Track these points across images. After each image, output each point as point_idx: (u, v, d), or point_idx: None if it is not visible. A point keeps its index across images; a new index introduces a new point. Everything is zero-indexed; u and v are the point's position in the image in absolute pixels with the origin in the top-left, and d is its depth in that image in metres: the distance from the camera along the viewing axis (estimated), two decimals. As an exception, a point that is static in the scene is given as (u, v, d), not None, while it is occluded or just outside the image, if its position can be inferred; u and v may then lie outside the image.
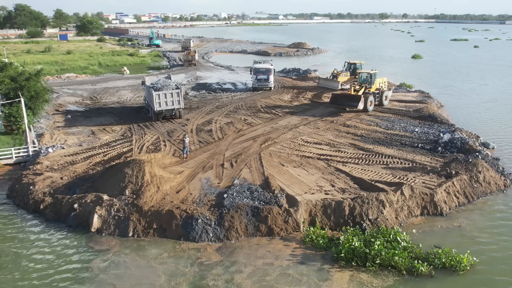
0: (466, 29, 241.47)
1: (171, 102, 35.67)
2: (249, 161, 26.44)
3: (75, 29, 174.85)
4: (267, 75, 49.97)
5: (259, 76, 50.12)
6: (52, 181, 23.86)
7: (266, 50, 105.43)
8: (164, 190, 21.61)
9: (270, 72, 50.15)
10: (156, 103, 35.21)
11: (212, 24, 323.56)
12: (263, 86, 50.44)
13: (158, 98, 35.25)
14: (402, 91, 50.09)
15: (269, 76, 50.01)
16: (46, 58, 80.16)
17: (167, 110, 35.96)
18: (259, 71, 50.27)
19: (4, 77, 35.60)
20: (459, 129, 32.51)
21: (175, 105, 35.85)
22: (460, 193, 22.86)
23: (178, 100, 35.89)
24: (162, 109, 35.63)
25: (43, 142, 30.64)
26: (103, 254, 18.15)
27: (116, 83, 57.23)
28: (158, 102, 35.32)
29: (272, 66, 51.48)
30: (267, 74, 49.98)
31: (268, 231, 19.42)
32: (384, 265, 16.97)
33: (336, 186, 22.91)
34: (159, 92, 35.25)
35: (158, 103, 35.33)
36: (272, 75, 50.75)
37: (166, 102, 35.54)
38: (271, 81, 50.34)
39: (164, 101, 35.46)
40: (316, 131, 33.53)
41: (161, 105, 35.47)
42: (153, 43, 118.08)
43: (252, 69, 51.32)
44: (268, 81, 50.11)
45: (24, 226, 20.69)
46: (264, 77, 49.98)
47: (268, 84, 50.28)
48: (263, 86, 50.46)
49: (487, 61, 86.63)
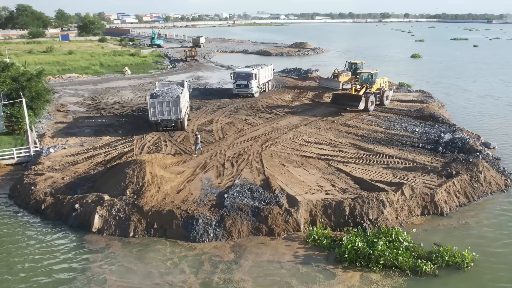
0: (467, 28, 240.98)
1: (168, 111, 32.23)
2: (250, 161, 26.48)
3: (76, 29, 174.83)
4: (247, 80, 44.92)
5: (239, 81, 45.34)
6: (53, 181, 23.96)
7: (267, 50, 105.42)
8: (165, 190, 21.67)
9: (251, 77, 44.96)
10: (151, 112, 32.23)
11: (214, 24, 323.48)
12: (242, 92, 45.54)
13: (153, 107, 32.10)
14: (403, 91, 50.06)
15: (249, 82, 44.87)
16: (48, 58, 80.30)
17: (164, 120, 32.77)
18: (239, 76, 45.57)
19: (6, 78, 35.72)
20: (460, 129, 32.49)
21: (172, 115, 32.36)
22: (461, 193, 22.86)
23: (176, 110, 32.27)
24: (158, 119, 32.45)
25: (44, 142, 30.75)
26: (104, 254, 18.21)
27: (118, 83, 57.33)
28: (153, 111, 32.16)
29: (254, 71, 45.73)
30: (247, 80, 44.94)
31: (268, 231, 19.46)
32: (388, 265, 17.00)
33: (336, 186, 22.93)
34: (155, 100, 32.22)
35: (153, 112, 32.18)
36: (255, 80, 45.33)
37: (163, 111, 32.19)
38: (251, 87, 45.04)
39: (160, 110, 32.15)
40: (317, 131, 33.55)
41: (157, 114, 32.25)
42: (154, 43, 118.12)
43: (232, 73, 47.31)
44: (248, 87, 44.99)
45: (26, 226, 20.78)
46: (243, 83, 45.05)
47: (247, 90, 45.22)
48: (243, 92, 45.62)
49: (486, 60, 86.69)
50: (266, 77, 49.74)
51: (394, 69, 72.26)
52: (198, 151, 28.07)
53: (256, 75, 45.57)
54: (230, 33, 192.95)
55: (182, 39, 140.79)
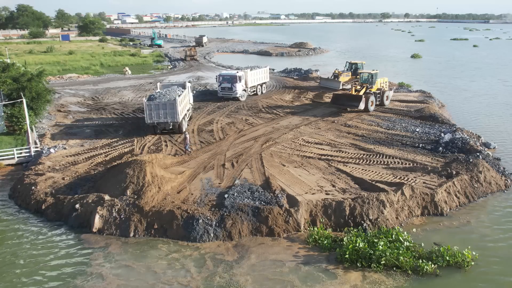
0: (467, 28, 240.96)
1: (164, 114, 31.53)
2: (250, 161, 26.50)
3: (77, 29, 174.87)
4: (231, 83, 43.99)
5: (223, 84, 44.55)
6: (53, 181, 23.99)
7: (267, 50, 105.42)
8: (165, 190, 21.69)
9: (235, 80, 43.92)
10: (147, 114, 31.69)
11: (214, 24, 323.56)
12: (226, 95, 44.55)
13: (149, 109, 31.54)
14: (403, 91, 50.08)
15: (233, 85, 43.88)
16: (48, 59, 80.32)
17: (160, 123, 32.16)
18: (224, 79, 44.79)
19: (6, 78, 35.74)
20: (460, 129, 32.50)
21: (168, 118, 31.63)
22: (461, 193, 22.88)
23: (172, 113, 31.50)
24: (153, 121, 31.87)
25: (45, 143, 30.78)
26: (104, 253, 18.23)
27: (118, 84, 57.34)
28: (149, 114, 31.58)
29: (239, 74, 44.71)
30: (232, 82, 44.00)
31: (269, 231, 19.47)
32: (389, 265, 17.01)
33: (336, 186, 22.95)
34: (151, 103, 31.60)
35: (149, 114, 31.60)
36: (240, 83, 44.26)
37: (159, 114, 31.51)
38: (236, 91, 43.94)
39: (156, 112, 31.50)
40: (317, 131, 33.57)
41: (153, 117, 31.63)
42: (155, 43, 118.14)
43: (217, 76, 46.46)
44: (232, 90, 44.01)
45: (26, 226, 20.79)
46: (227, 86, 44.20)
47: (231, 93, 44.19)
48: (227, 96, 44.61)
49: (486, 60, 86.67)
50: (258, 80, 48.30)
51: (394, 69, 72.32)
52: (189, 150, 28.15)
53: (241, 78, 44.55)
54: (231, 33, 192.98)
55: (182, 39, 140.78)
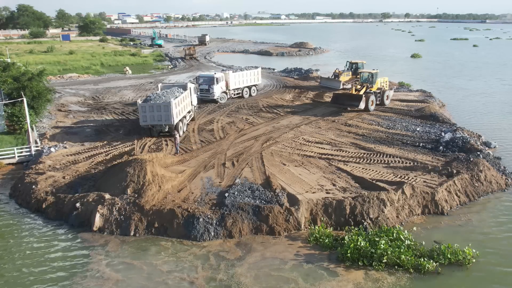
0: (468, 28, 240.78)
1: (158, 116, 30.86)
2: (251, 160, 26.50)
3: (77, 29, 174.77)
4: (209, 85, 42.81)
5: (202, 85, 43.40)
6: (54, 180, 24.00)
7: (268, 50, 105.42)
8: (165, 189, 21.70)
9: (212, 82, 42.71)
10: (141, 116, 31.13)
11: (214, 24, 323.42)
12: (204, 97, 43.30)
13: (144, 111, 30.90)
14: (404, 90, 50.07)
15: (210, 87, 42.65)
16: (49, 58, 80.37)
17: (155, 126, 31.57)
18: (203, 80, 43.68)
19: (7, 77, 35.78)
20: (461, 128, 32.49)
21: (163, 120, 30.90)
22: (461, 192, 22.88)
23: (167, 115, 30.67)
24: (148, 123, 31.26)
25: (45, 142, 30.79)
26: (104, 252, 18.25)
27: (118, 83, 57.38)
28: (144, 116, 30.97)
29: (217, 75, 43.59)
30: (209, 84, 42.84)
31: (269, 230, 19.49)
32: (390, 264, 17.02)
33: (337, 185, 22.95)
34: (145, 104, 30.96)
35: (144, 116, 30.99)
36: (218, 85, 43.13)
37: (153, 116, 30.88)
38: (213, 93, 42.71)
39: (151, 115, 30.88)
40: (318, 130, 33.57)
41: (147, 119, 31.00)
42: (155, 43, 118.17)
43: (196, 77, 45.30)
44: (209, 92, 42.80)
45: (26, 225, 20.81)
46: (205, 87, 43.01)
47: (209, 95, 43.02)
48: (205, 97, 43.37)
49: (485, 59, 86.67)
50: (245, 82, 46.68)
51: (394, 68, 72.28)
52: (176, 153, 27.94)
53: (218, 80, 43.27)
54: (231, 33, 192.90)
55: (183, 39, 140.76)
